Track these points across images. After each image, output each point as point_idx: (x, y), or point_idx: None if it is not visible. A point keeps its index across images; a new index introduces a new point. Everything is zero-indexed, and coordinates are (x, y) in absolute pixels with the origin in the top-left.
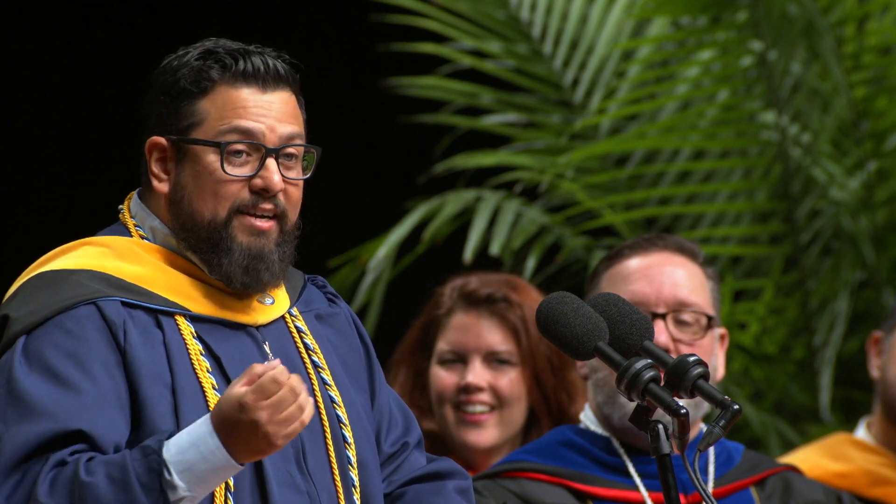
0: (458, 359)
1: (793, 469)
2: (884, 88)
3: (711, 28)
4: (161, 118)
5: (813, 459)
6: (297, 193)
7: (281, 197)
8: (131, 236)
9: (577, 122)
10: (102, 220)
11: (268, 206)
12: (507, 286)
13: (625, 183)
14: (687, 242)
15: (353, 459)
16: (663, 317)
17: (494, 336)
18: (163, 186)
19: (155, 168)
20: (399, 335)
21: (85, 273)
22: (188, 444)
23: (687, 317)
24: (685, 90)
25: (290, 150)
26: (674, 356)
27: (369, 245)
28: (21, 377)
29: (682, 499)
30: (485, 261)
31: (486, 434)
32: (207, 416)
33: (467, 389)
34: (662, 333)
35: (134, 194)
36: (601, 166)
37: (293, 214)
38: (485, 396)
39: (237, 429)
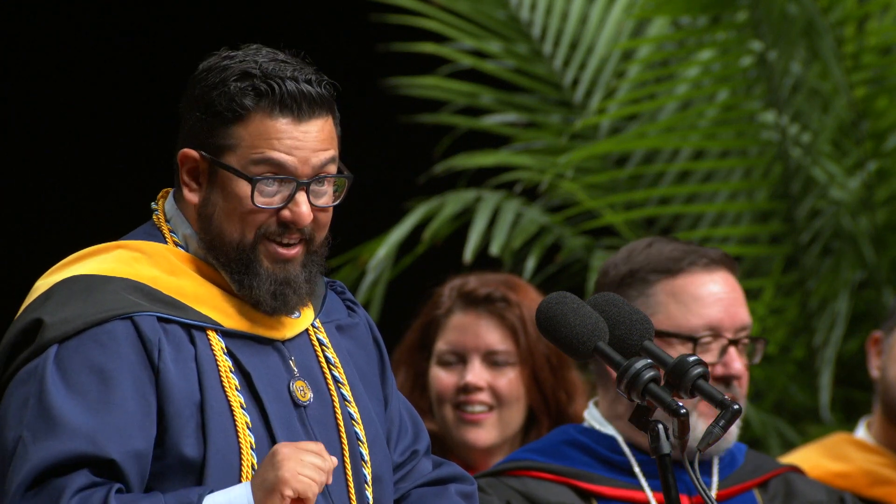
0: (458, 359)
1: (795, 470)
2: (884, 88)
3: (711, 28)
4: (194, 132)
5: (813, 459)
6: (326, 218)
7: (309, 224)
8: (166, 242)
9: (577, 122)
10: (118, 217)
11: (294, 235)
12: (506, 286)
13: (625, 183)
14: (727, 255)
15: (369, 478)
16: (735, 343)
17: (493, 336)
18: (193, 196)
19: (186, 178)
20: (399, 335)
21: (120, 282)
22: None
23: (745, 339)
24: (685, 90)
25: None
26: (741, 382)
27: (369, 245)
28: (53, 390)
29: (686, 499)
30: (485, 261)
31: (486, 433)
32: (248, 483)
33: (466, 389)
34: (736, 360)
35: (169, 194)
36: (601, 166)
37: (321, 235)
38: (484, 396)
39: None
